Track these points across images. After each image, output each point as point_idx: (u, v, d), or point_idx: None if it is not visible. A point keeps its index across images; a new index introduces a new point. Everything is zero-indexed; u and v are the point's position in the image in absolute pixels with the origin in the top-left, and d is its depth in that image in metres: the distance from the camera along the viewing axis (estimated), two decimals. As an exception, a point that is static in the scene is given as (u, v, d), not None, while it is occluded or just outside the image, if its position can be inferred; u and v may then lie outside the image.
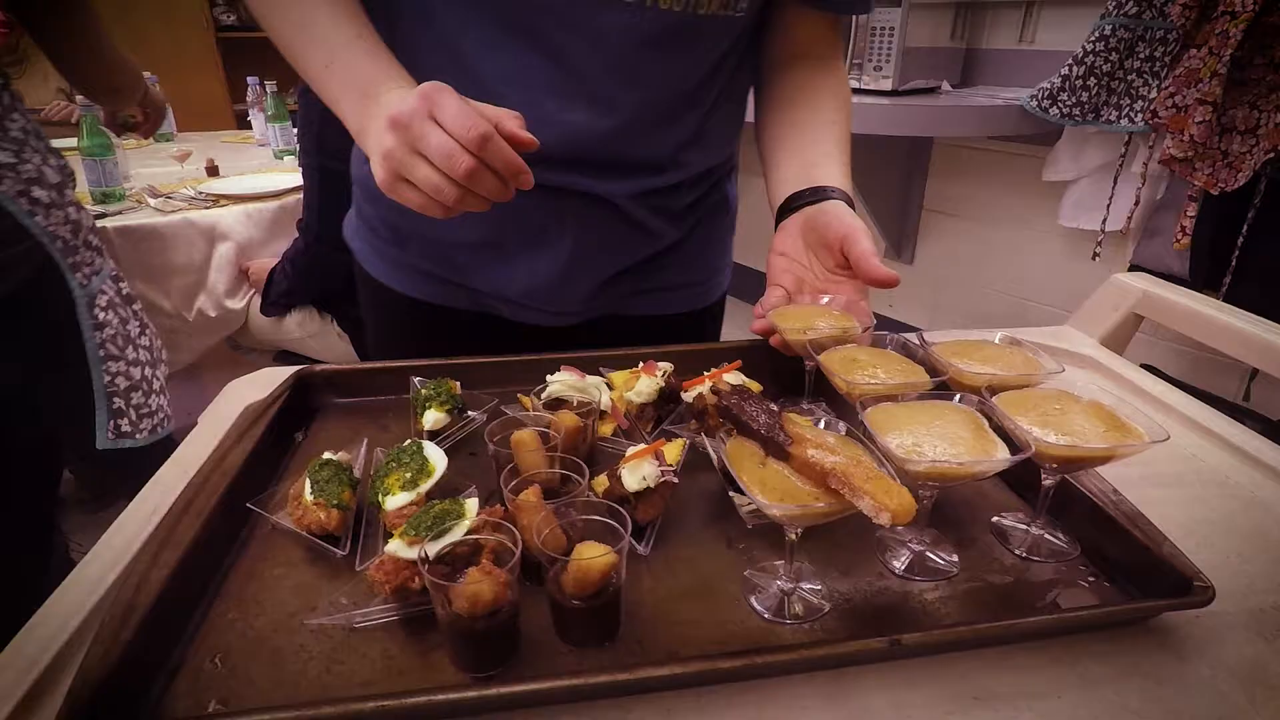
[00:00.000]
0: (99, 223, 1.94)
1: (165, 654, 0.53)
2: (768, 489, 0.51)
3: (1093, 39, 2.09)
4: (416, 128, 0.61)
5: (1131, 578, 0.59)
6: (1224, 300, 1.88)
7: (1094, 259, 2.29)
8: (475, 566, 0.51)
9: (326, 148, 1.84)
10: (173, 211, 2.11)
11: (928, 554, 0.62)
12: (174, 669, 0.52)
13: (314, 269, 2.01)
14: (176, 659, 0.53)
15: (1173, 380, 1.91)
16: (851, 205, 0.82)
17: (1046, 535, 0.64)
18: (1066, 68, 2.14)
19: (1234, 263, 1.93)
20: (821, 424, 0.57)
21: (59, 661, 0.52)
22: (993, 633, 0.51)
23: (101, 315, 1.23)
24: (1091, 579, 0.60)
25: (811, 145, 0.88)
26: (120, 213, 2.08)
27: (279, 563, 0.63)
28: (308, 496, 0.64)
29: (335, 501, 0.63)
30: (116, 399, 1.26)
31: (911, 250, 3.02)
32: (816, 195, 0.82)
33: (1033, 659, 0.53)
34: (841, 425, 0.58)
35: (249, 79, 2.92)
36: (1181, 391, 0.87)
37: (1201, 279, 2.01)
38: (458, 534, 0.55)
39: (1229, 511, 0.69)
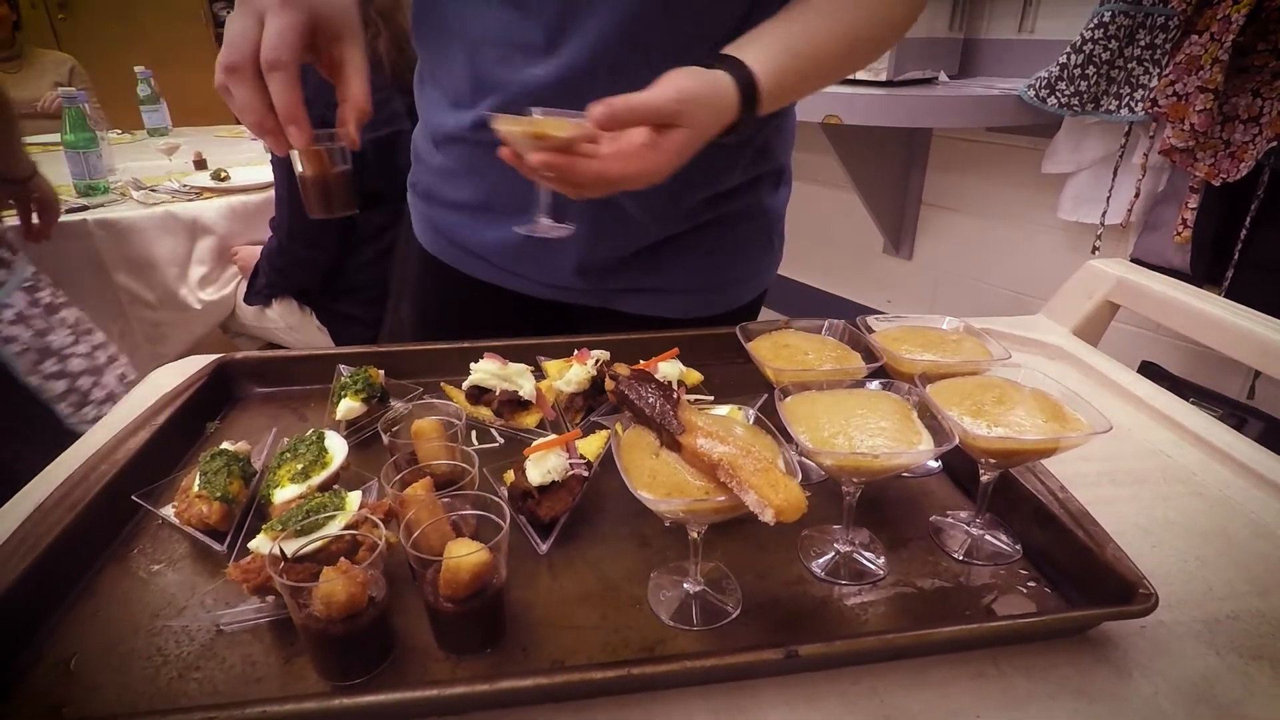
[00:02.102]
0: (82, 215, 1.93)
1: (13, 653, 0.49)
2: (657, 482, 0.46)
3: (1091, 26, 2.02)
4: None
5: (1074, 583, 0.54)
6: (1226, 295, 1.81)
7: (1094, 253, 2.22)
8: (333, 566, 0.46)
9: None
10: (155, 204, 2.09)
11: (855, 555, 0.57)
12: (21, 671, 0.48)
13: (290, 267, 1.99)
14: (27, 660, 0.49)
15: (1173, 377, 1.84)
16: (751, 95, 0.63)
17: (987, 536, 0.59)
18: (1065, 56, 2.07)
19: (1236, 256, 1.85)
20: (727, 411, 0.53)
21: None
22: (904, 644, 0.46)
23: (8, 330, 1.21)
24: (1032, 584, 0.55)
25: (783, 25, 0.68)
26: (103, 205, 2.07)
27: (159, 559, 0.59)
28: (195, 489, 0.60)
29: (219, 494, 0.59)
30: (58, 403, 1.27)
31: (910, 245, 2.95)
32: (711, 61, 0.65)
33: (953, 673, 0.47)
34: (751, 414, 0.53)
35: (239, 73, 2.89)
36: (1151, 383, 0.81)
37: (1203, 273, 1.94)
38: (331, 530, 0.51)
39: (1192, 511, 0.64)
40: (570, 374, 0.76)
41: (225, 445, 0.65)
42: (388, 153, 1.69)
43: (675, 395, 0.50)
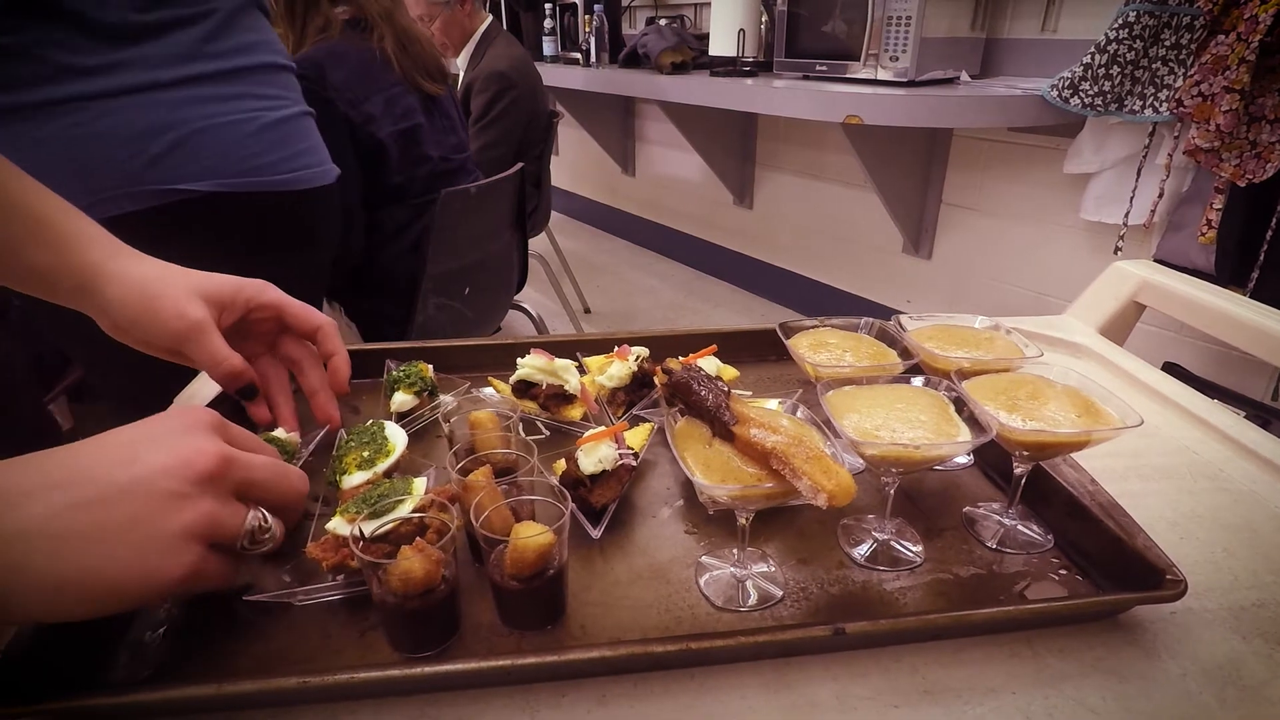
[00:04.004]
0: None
1: (105, 627, 0.52)
2: (711, 470, 0.49)
3: (1116, 25, 2.02)
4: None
5: (1104, 571, 0.56)
6: (1251, 296, 1.82)
7: (1116, 254, 2.22)
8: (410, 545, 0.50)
9: None
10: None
11: (892, 543, 0.60)
12: (113, 640, 0.52)
13: None
14: (117, 630, 0.53)
15: (1196, 378, 1.85)
16: None
17: (1020, 526, 0.62)
18: (1089, 56, 2.08)
19: (1262, 257, 1.85)
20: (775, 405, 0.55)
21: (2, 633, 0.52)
22: (944, 623, 0.49)
23: None
24: (1063, 572, 0.58)
25: None
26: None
27: (233, 540, 0.62)
28: None
29: None
30: None
31: (930, 245, 2.96)
32: None
33: (989, 653, 0.50)
34: (800, 408, 0.56)
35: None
36: (1178, 382, 0.83)
37: (1227, 274, 1.94)
38: (402, 512, 0.54)
39: (1219, 505, 0.66)
40: (612, 370, 0.79)
41: (278, 433, 0.68)
42: (408, 144, 1.73)
43: (726, 389, 0.53)
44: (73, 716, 0.46)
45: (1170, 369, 1.83)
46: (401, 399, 0.76)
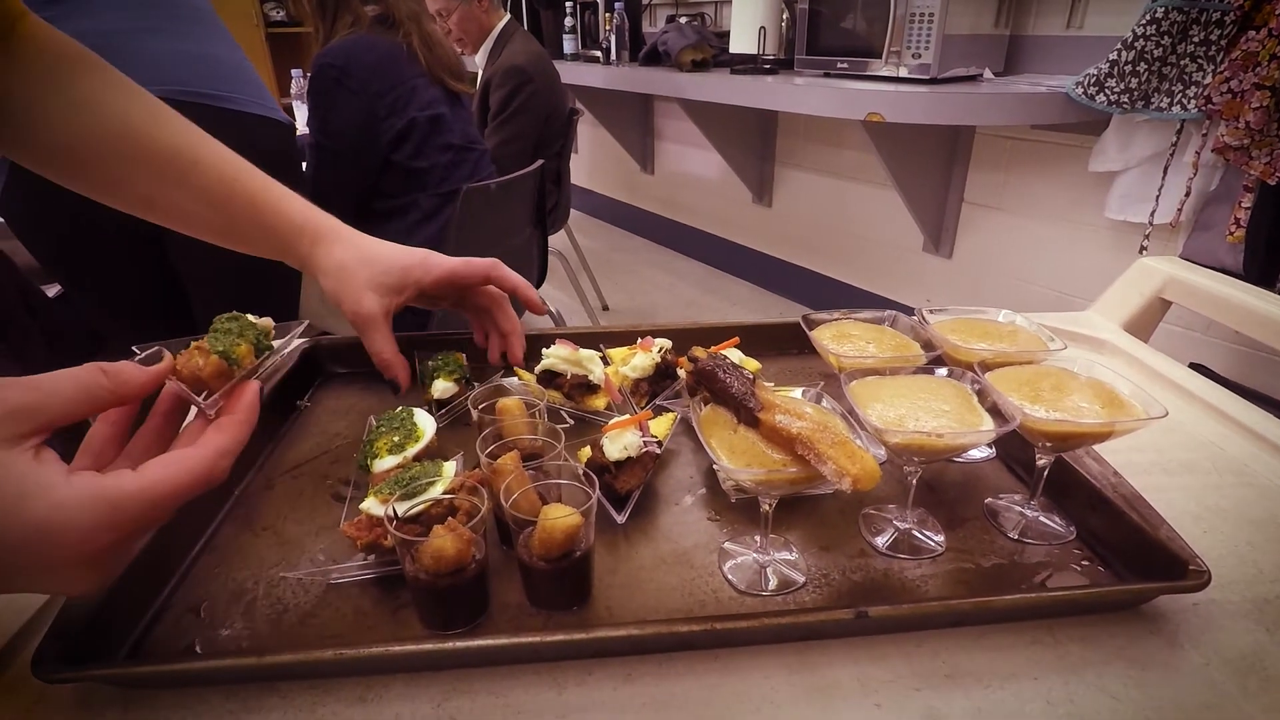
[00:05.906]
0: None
1: (149, 601, 0.54)
2: (736, 455, 0.50)
3: (1143, 22, 2.00)
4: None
5: (1127, 562, 0.56)
6: (1280, 296, 1.79)
7: (1141, 253, 2.20)
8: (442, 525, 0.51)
9: (329, 129, 1.83)
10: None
11: (913, 532, 0.60)
12: (156, 615, 0.54)
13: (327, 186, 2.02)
14: (160, 606, 0.55)
15: (1221, 379, 1.83)
16: None
17: (1042, 517, 0.62)
18: (1115, 53, 2.05)
19: (1292, 257, 1.83)
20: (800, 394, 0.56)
21: (53, 602, 0.54)
22: (966, 609, 0.50)
23: None
24: (1085, 563, 0.58)
25: None
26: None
27: (267, 519, 0.64)
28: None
29: (221, 348, 0.51)
30: None
31: (950, 244, 2.94)
32: None
33: (1011, 639, 0.51)
34: (824, 397, 0.57)
35: (293, 71, 3.00)
36: (1203, 378, 0.82)
37: (1256, 274, 1.91)
38: (433, 494, 0.56)
39: (1243, 500, 0.66)
40: (635, 361, 0.80)
41: (249, 316, 0.61)
42: (433, 129, 1.76)
43: (751, 376, 0.54)
44: (120, 684, 0.48)
45: (1196, 370, 1.81)
46: (443, 386, 0.78)
